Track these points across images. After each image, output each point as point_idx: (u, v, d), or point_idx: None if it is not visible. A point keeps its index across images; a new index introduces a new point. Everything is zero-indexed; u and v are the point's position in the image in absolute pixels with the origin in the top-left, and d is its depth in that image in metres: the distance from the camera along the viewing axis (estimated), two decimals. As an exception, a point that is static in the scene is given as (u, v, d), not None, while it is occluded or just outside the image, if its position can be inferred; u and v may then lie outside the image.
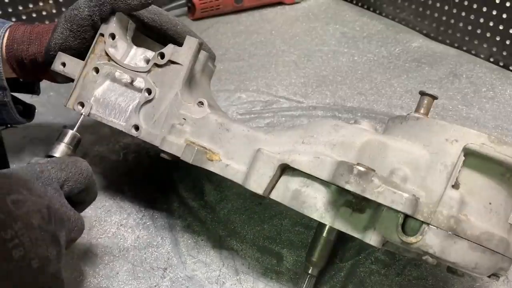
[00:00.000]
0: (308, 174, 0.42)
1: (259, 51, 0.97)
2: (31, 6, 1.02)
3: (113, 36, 0.52)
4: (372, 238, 0.40)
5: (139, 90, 0.52)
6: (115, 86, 0.52)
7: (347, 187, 0.37)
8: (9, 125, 0.61)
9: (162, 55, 0.51)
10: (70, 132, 0.48)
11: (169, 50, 0.50)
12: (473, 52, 0.92)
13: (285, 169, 0.44)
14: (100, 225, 0.59)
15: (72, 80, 0.56)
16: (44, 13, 1.04)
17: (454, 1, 0.92)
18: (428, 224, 0.37)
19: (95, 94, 0.52)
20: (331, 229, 0.48)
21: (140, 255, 0.55)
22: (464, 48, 0.93)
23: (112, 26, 0.52)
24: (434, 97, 0.43)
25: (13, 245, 0.33)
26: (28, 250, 0.34)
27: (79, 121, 0.50)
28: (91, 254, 0.55)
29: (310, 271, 0.49)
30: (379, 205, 0.39)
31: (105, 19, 0.52)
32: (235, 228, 0.58)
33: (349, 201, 0.41)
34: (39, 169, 0.42)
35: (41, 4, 1.03)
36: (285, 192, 0.44)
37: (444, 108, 0.77)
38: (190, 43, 0.50)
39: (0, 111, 0.57)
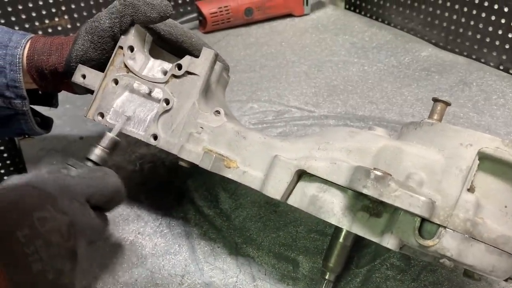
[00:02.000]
0: (325, 179, 0.43)
1: (269, 62, 0.99)
2: (47, 21, 1.05)
3: (131, 49, 0.54)
4: (389, 242, 0.40)
5: (157, 100, 0.53)
6: (133, 97, 0.54)
7: (365, 191, 0.38)
8: (26, 135, 0.63)
9: (179, 66, 0.52)
10: (109, 136, 0.50)
11: (186, 61, 0.52)
12: (482, 60, 0.93)
13: (302, 175, 0.45)
14: (118, 233, 0.60)
15: (91, 91, 0.58)
16: (59, 28, 1.07)
17: (463, 11, 0.93)
18: (444, 227, 0.37)
19: (114, 105, 0.53)
20: (348, 234, 0.49)
21: (158, 262, 0.56)
22: (473, 57, 0.94)
23: (130, 38, 0.54)
24: (447, 104, 0.44)
25: (33, 259, 0.36)
26: (46, 264, 0.37)
27: (118, 127, 0.52)
28: (110, 262, 0.56)
29: (327, 277, 0.49)
30: (395, 209, 0.40)
31: (124, 31, 0.54)
32: (250, 235, 0.59)
33: (366, 206, 0.42)
34: (68, 182, 0.44)
35: (56, 19, 1.06)
36: (302, 197, 0.44)
37: (455, 115, 0.78)
38: (206, 54, 0.52)
39: (19, 120, 0.59)
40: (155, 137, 0.52)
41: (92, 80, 0.54)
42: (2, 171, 1.15)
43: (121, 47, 0.54)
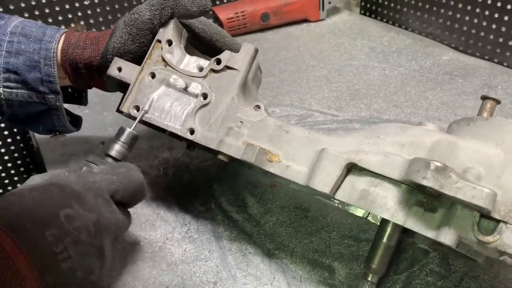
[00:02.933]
0: (376, 173, 0.42)
1: (289, 66, 0.98)
2: (63, 27, 1.04)
3: (170, 43, 0.53)
4: (447, 238, 0.39)
5: (193, 95, 0.52)
6: (170, 91, 0.53)
7: (425, 182, 0.36)
8: (57, 133, 0.62)
9: (218, 61, 0.51)
10: (127, 131, 0.50)
11: (226, 56, 0.51)
12: (505, 64, 0.91)
13: (351, 169, 0.44)
14: (145, 239, 0.58)
15: (123, 88, 0.56)
16: (75, 34, 1.06)
17: (484, 14, 0.92)
18: (505, 222, 0.36)
19: (151, 98, 0.52)
20: (392, 234, 0.47)
21: (188, 269, 0.54)
22: (495, 60, 0.93)
23: (169, 32, 0.53)
24: (497, 101, 0.42)
25: (62, 258, 0.36)
26: (75, 262, 0.37)
27: (137, 120, 0.52)
28: (140, 268, 0.54)
29: (369, 278, 0.48)
30: (452, 204, 0.39)
31: (163, 24, 0.53)
32: (282, 241, 0.57)
33: (420, 201, 0.40)
34: (92, 179, 0.43)
35: (72, 25, 1.05)
36: (351, 191, 0.43)
37: (483, 119, 0.76)
38: (247, 49, 0.51)
39: (51, 116, 0.58)
40: (192, 132, 0.51)
41: (129, 73, 0.53)
42: (16, 178, 1.13)
43: (159, 41, 0.53)
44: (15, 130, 1.08)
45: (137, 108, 0.53)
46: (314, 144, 0.46)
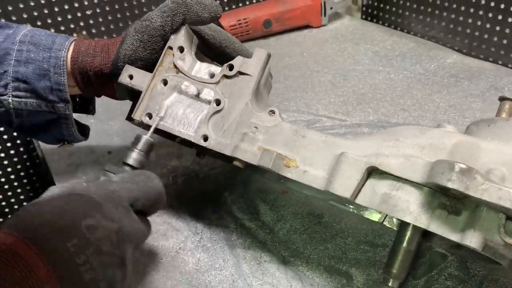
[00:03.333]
0: (397, 176, 0.41)
1: (293, 72, 0.97)
2: (65, 37, 1.03)
3: (181, 49, 0.53)
4: (472, 241, 0.38)
5: (206, 101, 0.52)
6: (182, 98, 0.52)
7: (449, 185, 0.35)
8: (66, 142, 0.61)
9: (231, 67, 0.51)
10: (144, 138, 0.49)
11: (238, 61, 0.51)
12: (509, 65, 0.91)
13: (371, 173, 0.43)
14: (158, 249, 0.57)
15: (133, 95, 0.56)
16: (77, 43, 1.05)
17: (488, 17, 0.93)
18: (532, 224, 0.35)
19: (163, 105, 0.52)
20: (411, 238, 0.46)
21: (203, 278, 0.53)
22: (500, 62, 0.93)
23: (181, 39, 0.53)
24: (515, 102, 0.42)
25: (85, 269, 0.35)
26: (97, 273, 0.36)
27: (153, 127, 0.51)
28: (154, 279, 0.53)
29: (390, 284, 0.47)
30: (477, 206, 0.38)
31: (175, 31, 0.53)
32: (297, 248, 0.57)
33: (443, 204, 0.40)
34: (111, 188, 0.42)
35: (75, 35, 1.04)
36: (372, 195, 0.42)
37: (492, 121, 0.76)
38: (259, 55, 0.51)
39: (60, 125, 0.57)
40: (206, 138, 0.50)
41: (140, 81, 0.53)
42: (19, 190, 1.12)
43: (170, 48, 0.53)
44: (18, 141, 1.07)
45: (150, 116, 0.52)
46: (332, 148, 0.45)
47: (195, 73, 0.53)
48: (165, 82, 0.52)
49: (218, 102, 0.51)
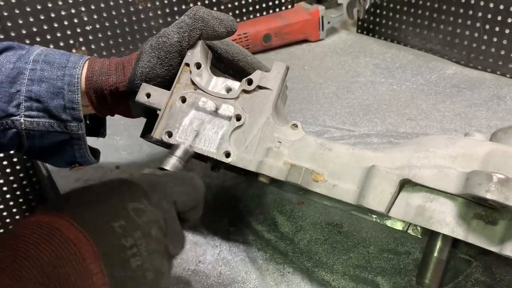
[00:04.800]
0: (431, 188, 0.41)
1: (296, 85, 0.98)
2: (64, 53, 1.02)
3: (198, 66, 0.52)
4: (512, 251, 0.38)
5: (225, 117, 0.51)
6: (200, 115, 0.51)
7: (489, 196, 0.35)
8: (76, 165, 0.59)
9: (250, 81, 0.50)
10: (183, 146, 0.47)
11: (257, 75, 0.50)
12: (508, 75, 0.94)
13: (403, 185, 0.43)
14: (177, 263, 0.56)
15: (149, 113, 0.55)
16: (76, 59, 1.04)
17: (485, 28, 0.95)
18: None
19: (183, 123, 0.51)
20: (442, 248, 0.46)
21: (227, 292, 0.52)
22: (498, 73, 0.95)
23: (197, 55, 0.52)
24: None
25: (132, 253, 0.32)
26: (145, 261, 0.33)
27: (184, 147, 0.48)
28: (176, 294, 0.52)
29: (423, 293, 0.46)
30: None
31: (191, 46, 0.52)
32: (320, 258, 0.56)
33: (479, 214, 0.39)
34: (156, 180, 0.40)
35: (74, 51, 1.03)
36: (407, 208, 0.42)
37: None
38: (278, 68, 0.50)
39: (72, 146, 0.55)
40: (228, 155, 0.49)
41: (158, 99, 0.51)
42: (14, 210, 1.09)
43: (187, 64, 0.52)
44: (14, 159, 1.04)
45: (170, 134, 0.51)
46: (361, 161, 0.45)
47: (212, 88, 0.52)
48: (183, 100, 0.51)
49: (238, 118, 0.50)
